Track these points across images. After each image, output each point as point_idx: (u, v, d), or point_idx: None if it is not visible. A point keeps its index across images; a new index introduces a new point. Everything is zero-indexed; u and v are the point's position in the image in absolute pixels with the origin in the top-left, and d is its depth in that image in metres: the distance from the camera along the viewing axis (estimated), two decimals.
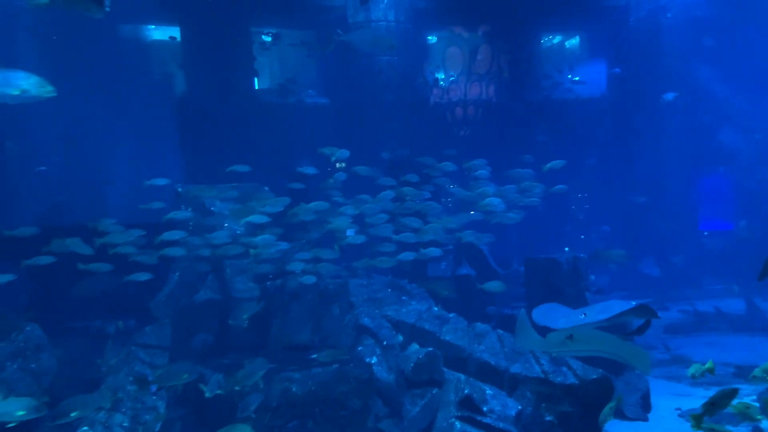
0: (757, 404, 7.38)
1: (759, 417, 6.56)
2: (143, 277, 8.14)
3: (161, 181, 9.30)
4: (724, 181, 22.48)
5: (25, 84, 5.68)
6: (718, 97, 20.45)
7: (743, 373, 10.37)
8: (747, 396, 8.68)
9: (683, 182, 19.65)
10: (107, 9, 3.76)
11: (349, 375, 7.28)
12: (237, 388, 6.77)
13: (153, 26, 18.06)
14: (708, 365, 7.34)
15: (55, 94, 5.81)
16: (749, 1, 17.83)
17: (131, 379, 6.63)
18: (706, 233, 21.88)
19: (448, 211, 10.93)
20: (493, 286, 10.28)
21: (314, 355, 7.74)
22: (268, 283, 9.42)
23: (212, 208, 10.15)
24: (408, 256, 10.02)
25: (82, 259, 8.17)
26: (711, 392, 10.14)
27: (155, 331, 8.17)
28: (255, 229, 9.57)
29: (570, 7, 18.24)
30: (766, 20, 18.00)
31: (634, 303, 8.63)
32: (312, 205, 9.53)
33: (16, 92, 5.70)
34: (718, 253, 19.86)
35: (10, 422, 5.78)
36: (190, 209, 9.88)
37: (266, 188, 10.92)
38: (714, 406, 5.65)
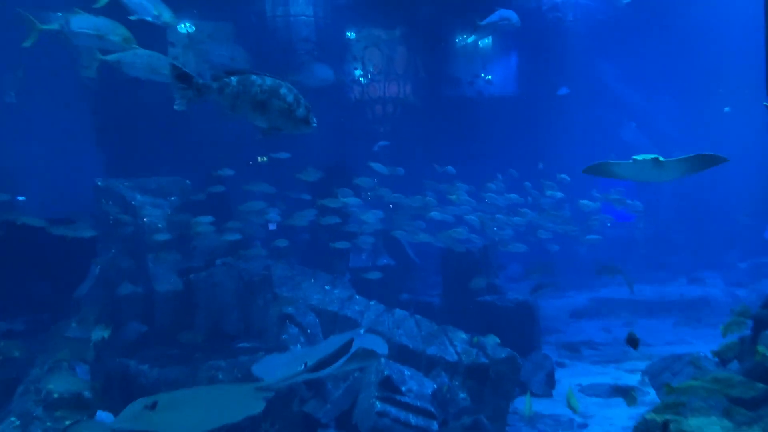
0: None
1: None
2: None
3: None
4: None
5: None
6: (618, 95, 21.96)
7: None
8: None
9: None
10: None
11: None
12: None
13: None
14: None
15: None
16: (646, 6, 19.26)
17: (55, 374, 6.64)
18: (608, 224, 23.48)
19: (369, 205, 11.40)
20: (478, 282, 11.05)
21: (240, 344, 7.98)
22: (192, 275, 9.53)
23: (132, 202, 10.10)
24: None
25: None
26: (607, 369, 11.22)
27: (80, 325, 8.15)
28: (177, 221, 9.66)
29: (482, 8, 18.99)
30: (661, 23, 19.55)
31: (362, 330, 9.25)
32: None
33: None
34: (621, 243, 21.33)
35: None
36: (110, 203, 9.80)
37: (188, 182, 10.94)
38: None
